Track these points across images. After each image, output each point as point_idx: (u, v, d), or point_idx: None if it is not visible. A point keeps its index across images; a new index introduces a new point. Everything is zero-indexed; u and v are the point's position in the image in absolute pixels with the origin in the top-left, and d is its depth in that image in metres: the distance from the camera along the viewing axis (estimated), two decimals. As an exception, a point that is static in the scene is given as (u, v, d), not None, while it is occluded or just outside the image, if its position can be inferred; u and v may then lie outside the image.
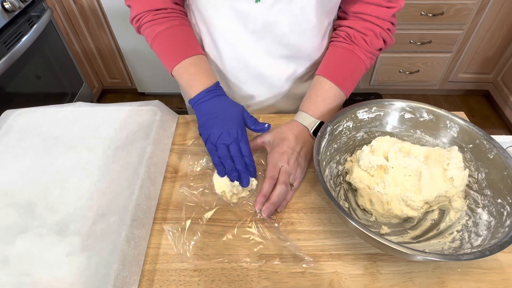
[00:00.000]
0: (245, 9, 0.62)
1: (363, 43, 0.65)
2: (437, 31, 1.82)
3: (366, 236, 0.42)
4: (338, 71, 0.66)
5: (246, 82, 0.75)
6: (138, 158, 0.61)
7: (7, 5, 1.30)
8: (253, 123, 0.61)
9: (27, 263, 0.48)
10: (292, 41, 0.66)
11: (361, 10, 0.64)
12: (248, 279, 0.49)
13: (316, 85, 0.66)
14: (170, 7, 0.66)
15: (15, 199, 0.56)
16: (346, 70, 0.66)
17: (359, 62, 0.66)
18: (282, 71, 0.72)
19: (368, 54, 0.66)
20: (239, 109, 0.61)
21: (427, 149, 0.57)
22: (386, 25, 0.65)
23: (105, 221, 0.52)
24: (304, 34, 0.66)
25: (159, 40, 0.65)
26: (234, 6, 0.62)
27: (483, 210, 0.51)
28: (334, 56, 0.67)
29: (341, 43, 0.66)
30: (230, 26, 0.65)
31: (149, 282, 0.49)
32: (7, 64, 1.29)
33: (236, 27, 0.65)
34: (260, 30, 0.65)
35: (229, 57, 0.71)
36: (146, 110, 0.71)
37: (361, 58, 0.65)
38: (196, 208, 0.58)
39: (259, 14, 0.62)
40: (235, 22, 0.64)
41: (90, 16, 1.83)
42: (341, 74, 0.66)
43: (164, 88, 2.19)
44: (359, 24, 0.65)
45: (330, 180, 0.57)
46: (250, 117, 0.61)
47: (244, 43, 0.68)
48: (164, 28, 0.65)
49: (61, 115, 0.71)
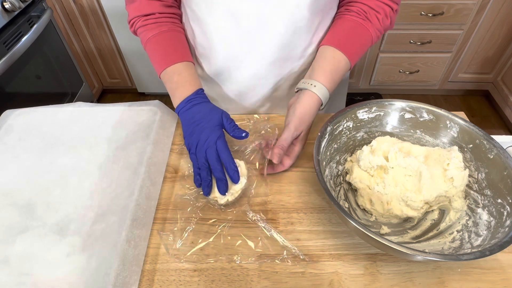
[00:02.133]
0: (238, 6, 0.62)
1: (375, 20, 0.66)
2: (437, 31, 1.82)
3: (366, 236, 0.42)
4: (352, 46, 0.66)
5: (240, 81, 0.74)
6: (138, 158, 0.61)
7: (7, 5, 1.30)
8: (231, 129, 0.60)
9: (27, 263, 0.48)
10: (285, 39, 0.66)
11: None
12: (248, 279, 0.49)
13: (332, 57, 0.65)
14: (158, 11, 0.66)
15: (15, 199, 0.56)
16: (359, 46, 0.67)
17: (370, 39, 0.67)
18: (276, 71, 0.72)
19: (377, 33, 0.67)
20: (218, 115, 0.61)
21: (427, 149, 0.57)
22: (394, 5, 0.66)
23: (105, 221, 0.52)
24: (296, 33, 0.66)
25: (149, 46, 0.68)
26: (228, 5, 0.62)
27: (483, 210, 0.51)
28: (349, 30, 0.67)
29: (354, 17, 0.66)
30: (224, 25, 0.66)
31: (149, 282, 0.49)
32: (7, 64, 1.29)
33: (230, 26, 0.65)
34: (253, 29, 0.65)
35: (223, 57, 0.71)
36: (146, 110, 0.71)
37: (371, 35, 0.66)
38: (195, 209, 0.58)
39: (251, 13, 0.62)
40: (229, 21, 0.65)
41: (90, 16, 1.83)
42: (354, 49, 0.66)
43: (164, 88, 2.15)
44: (372, 2, 0.65)
45: (330, 180, 0.57)
46: (229, 122, 0.61)
47: (238, 43, 0.68)
48: (153, 34, 0.66)
49: (61, 115, 0.71)
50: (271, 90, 0.76)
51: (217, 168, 0.56)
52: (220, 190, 0.56)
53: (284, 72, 0.73)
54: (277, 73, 0.73)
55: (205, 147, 0.57)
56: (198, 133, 0.59)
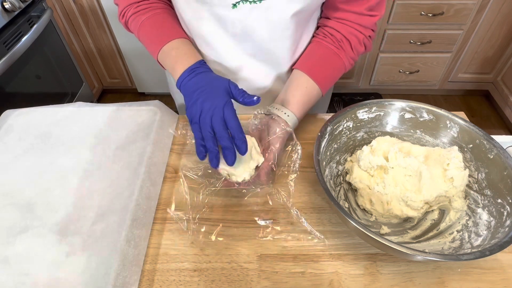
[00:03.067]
0: (223, 14, 0.61)
1: (348, 48, 0.65)
2: (437, 31, 1.82)
3: (366, 236, 0.42)
4: (325, 75, 0.66)
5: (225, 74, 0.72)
6: (138, 158, 0.61)
7: (7, 5, 1.30)
8: (240, 95, 0.54)
9: (27, 263, 0.48)
10: (270, 46, 0.66)
11: (344, 17, 0.64)
12: (248, 279, 0.49)
13: (300, 82, 0.65)
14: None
15: (15, 199, 0.56)
16: (331, 75, 0.67)
17: (341, 68, 0.67)
18: (263, 75, 0.72)
19: (351, 60, 0.67)
20: (225, 82, 0.56)
21: (427, 149, 0.57)
22: (368, 32, 0.65)
23: (105, 221, 0.52)
24: (281, 41, 0.65)
25: (143, 30, 0.65)
26: (213, 11, 0.61)
27: (483, 210, 0.51)
28: (322, 58, 0.67)
29: (329, 44, 0.66)
30: (211, 30, 0.64)
31: (149, 282, 0.49)
32: (7, 64, 1.29)
33: (216, 31, 0.64)
34: (239, 34, 0.64)
35: (211, 60, 0.70)
36: (146, 110, 0.71)
37: (344, 64, 0.66)
38: (195, 209, 0.58)
39: (237, 20, 0.61)
40: (215, 26, 0.63)
41: (90, 16, 1.83)
42: (326, 78, 0.66)
43: (164, 88, 2.19)
44: (344, 29, 0.65)
45: (330, 180, 0.57)
46: (237, 89, 0.55)
47: (225, 47, 0.67)
48: (146, 17, 0.64)
49: (61, 115, 0.71)
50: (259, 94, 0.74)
51: (223, 136, 0.51)
52: (228, 160, 0.51)
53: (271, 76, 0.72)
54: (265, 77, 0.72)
55: (210, 114, 0.52)
56: (202, 100, 0.53)
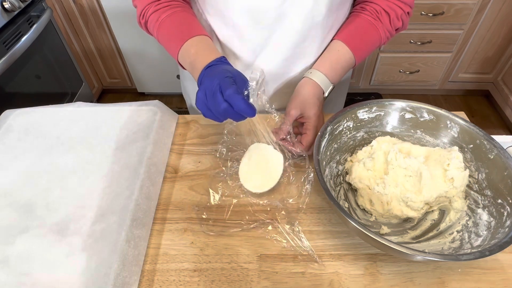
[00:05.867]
0: (258, 3, 0.62)
1: (386, 21, 0.67)
2: (437, 31, 1.82)
3: (366, 236, 0.42)
4: (359, 42, 0.68)
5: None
6: (138, 158, 0.61)
7: (7, 5, 1.30)
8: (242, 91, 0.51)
9: (27, 263, 0.48)
10: (301, 36, 0.67)
11: None
12: (248, 279, 0.49)
13: (337, 51, 0.67)
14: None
15: (15, 199, 0.56)
16: (366, 44, 0.69)
17: (378, 39, 0.68)
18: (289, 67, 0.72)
19: (387, 33, 0.68)
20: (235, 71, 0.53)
21: (427, 150, 0.57)
22: (407, 8, 0.67)
23: (105, 221, 0.52)
24: (312, 30, 0.66)
25: (162, 28, 0.64)
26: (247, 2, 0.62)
27: (483, 211, 0.51)
28: (358, 26, 0.69)
29: (367, 16, 0.68)
30: (241, 22, 0.65)
31: (149, 282, 0.49)
32: (7, 64, 1.29)
33: (247, 23, 0.65)
34: (271, 25, 0.65)
35: (235, 56, 0.71)
36: (146, 110, 0.71)
37: (381, 36, 0.68)
38: (195, 208, 0.58)
39: (271, 8, 0.62)
40: (246, 18, 0.64)
41: (90, 16, 1.82)
42: (361, 46, 0.68)
43: (164, 88, 2.19)
44: (383, 2, 0.67)
45: (330, 180, 0.57)
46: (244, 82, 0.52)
47: (254, 39, 0.68)
48: (166, 15, 0.64)
49: (61, 115, 0.71)
50: (283, 86, 0.76)
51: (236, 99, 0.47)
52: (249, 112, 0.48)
53: (297, 69, 0.73)
54: (290, 70, 0.73)
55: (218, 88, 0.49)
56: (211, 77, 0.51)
